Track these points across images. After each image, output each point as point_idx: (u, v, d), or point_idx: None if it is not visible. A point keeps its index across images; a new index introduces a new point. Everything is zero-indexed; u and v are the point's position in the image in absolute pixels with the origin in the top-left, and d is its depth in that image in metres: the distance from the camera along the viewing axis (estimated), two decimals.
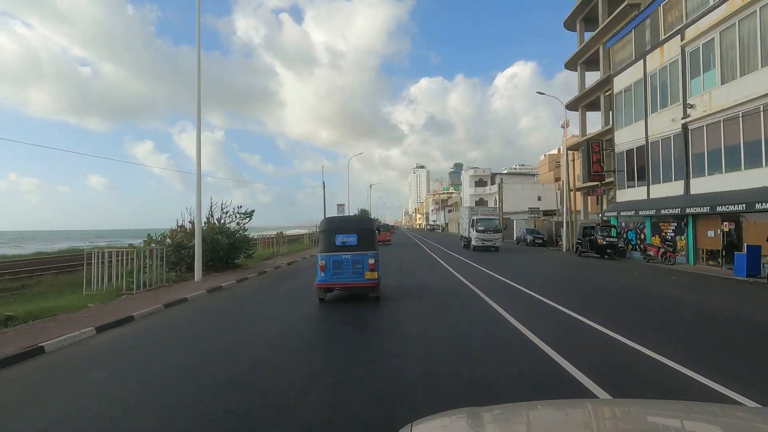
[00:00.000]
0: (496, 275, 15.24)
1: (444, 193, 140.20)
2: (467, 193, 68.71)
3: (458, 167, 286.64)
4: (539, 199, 59.63)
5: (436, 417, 1.59)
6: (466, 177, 72.16)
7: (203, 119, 14.98)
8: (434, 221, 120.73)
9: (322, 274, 9.85)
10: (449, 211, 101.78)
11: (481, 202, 67.33)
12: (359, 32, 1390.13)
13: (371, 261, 9.85)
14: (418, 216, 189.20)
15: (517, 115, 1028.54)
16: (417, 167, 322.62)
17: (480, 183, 68.67)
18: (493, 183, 65.91)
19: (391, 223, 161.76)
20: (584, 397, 4.40)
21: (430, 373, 5.22)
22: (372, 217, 18.60)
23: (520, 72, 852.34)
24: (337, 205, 48.48)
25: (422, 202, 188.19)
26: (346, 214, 45.23)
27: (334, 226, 10.33)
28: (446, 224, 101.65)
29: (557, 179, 66.26)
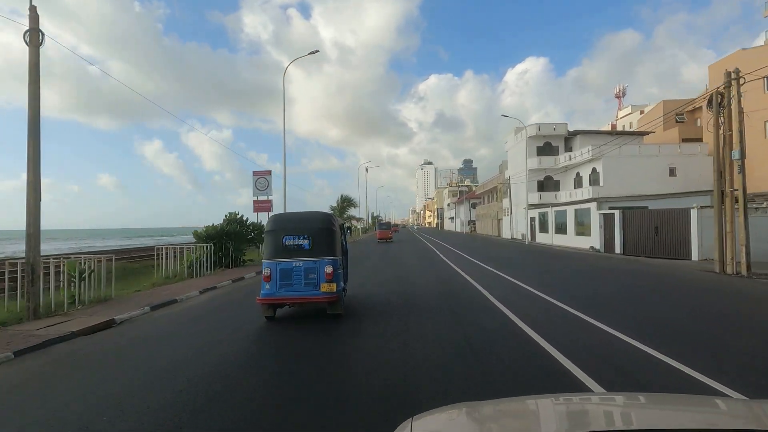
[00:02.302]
0: None
1: (460, 185, 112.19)
2: (525, 166, 36.39)
3: (467, 164, 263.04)
4: (671, 173, 31.46)
5: (437, 411, 1.57)
6: (519, 140, 39.53)
7: (209, 118, 0.56)
8: (452, 219, 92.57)
9: (268, 287, 8.20)
10: (473, 205, 73.32)
11: (549, 185, 38.54)
12: (368, 28, 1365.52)
13: (329, 269, 8.10)
14: (428, 213, 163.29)
15: (528, 112, 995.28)
16: (425, 163, 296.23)
17: (546, 149, 39.22)
18: (568, 148, 37.24)
19: (398, 222, 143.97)
20: None
21: None
22: (331, 213, 9.98)
23: (530, 68, 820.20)
24: (254, 173, 21.04)
25: (433, 198, 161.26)
26: (290, 200, 19.25)
27: (281, 225, 8.50)
28: (473, 222, 73.07)
29: (686, 140, 37.77)
